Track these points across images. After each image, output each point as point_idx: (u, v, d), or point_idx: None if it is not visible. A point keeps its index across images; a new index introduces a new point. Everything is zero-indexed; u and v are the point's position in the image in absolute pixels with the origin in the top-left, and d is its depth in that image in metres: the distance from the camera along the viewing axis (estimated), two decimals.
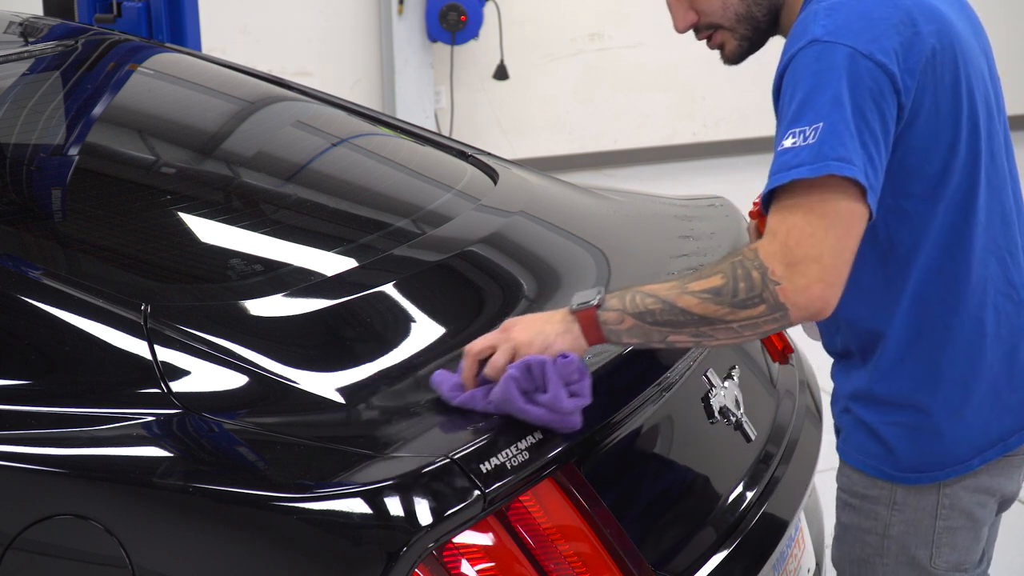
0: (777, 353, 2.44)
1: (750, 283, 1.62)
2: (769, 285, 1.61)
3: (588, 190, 2.68)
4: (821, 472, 2.32)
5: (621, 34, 7.95)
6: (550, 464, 1.65)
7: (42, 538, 1.62)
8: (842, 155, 1.62)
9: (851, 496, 1.93)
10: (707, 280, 1.65)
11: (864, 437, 1.89)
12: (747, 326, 1.65)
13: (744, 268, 1.63)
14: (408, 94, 7.42)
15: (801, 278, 1.61)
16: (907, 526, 1.88)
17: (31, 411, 1.70)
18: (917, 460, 1.85)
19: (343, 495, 1.54)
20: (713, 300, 1.64)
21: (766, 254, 1.62)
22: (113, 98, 2.51)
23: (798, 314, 1.63)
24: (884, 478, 1.87)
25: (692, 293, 1.65)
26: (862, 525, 1.91)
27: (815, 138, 1.62)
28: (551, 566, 1.63)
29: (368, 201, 2.40)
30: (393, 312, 1.97)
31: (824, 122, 1.63)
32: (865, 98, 1.65)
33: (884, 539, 1.89)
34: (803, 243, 1.61)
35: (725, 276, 1.64)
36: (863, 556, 1.93)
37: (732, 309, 1.64)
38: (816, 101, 1.64)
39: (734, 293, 1.63)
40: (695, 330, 1.66)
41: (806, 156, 1.62)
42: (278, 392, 1.71)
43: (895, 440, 1.85)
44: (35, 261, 1.93)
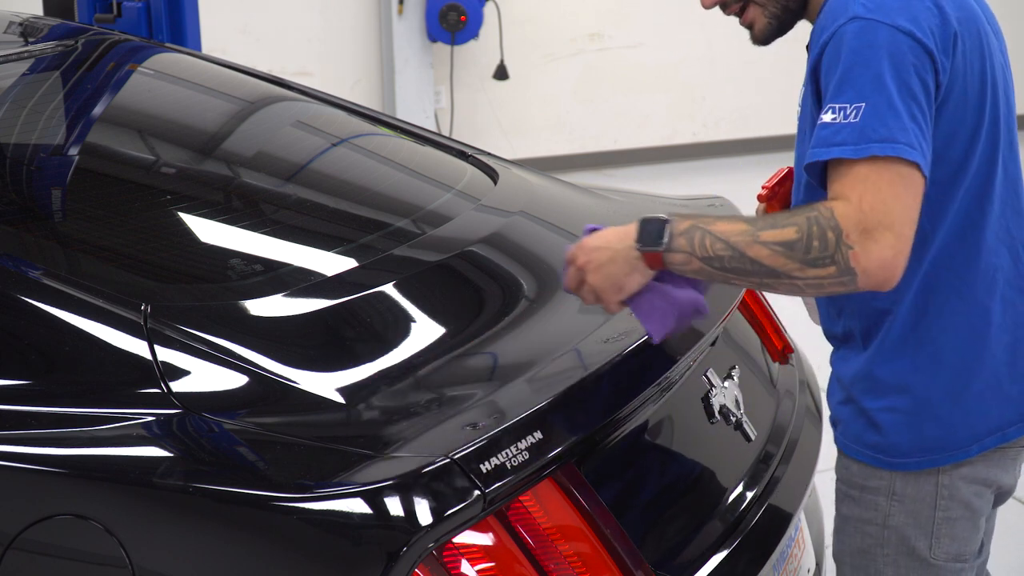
0: (777, 353, 2.44)
1: (824, 242, 1.62)
2: (843, 248, 1.62)
3: (588, 190, 2.68)
4: (821, 472, 2.32)
5: (621, 34, 7.95)
6: (550, 464, 1.65)
7: (42, 538, 1.62)
8: (884, 136, 1.64)
9: (850, 487, 1.93)
10: (781, 231, 1.65)
11: (862, 426, 1.89)
12: (812, 285, 1.65)
13: (820, 226, 1.63)
14: (408, 94, 7.42)
15: (875, 245, 1.61)
16: (907, 516, 1.89)
17: (31, 411, 1.70)
18: (914, 445, 1.85)
19: (343, 495, 1.54)
20: (785, 254, 1.64)
21: (843, 215, 1.62)
22: (113, 98, 2.51)
23: (866, 280, 1.63)
24: (882, 467, 1.88)
25: (764, 243, 1.65)
26: (862, 516, 1.92)
27: (857, 118, 1.65)
28: (551, 566, 1.63)
29: (368, 201, 2.40)
30: (393, 312, 1.97)
31: (867, 102, 1.65)
32: (910, 73, 1.67)
33: (884, 529, 1.90)
34: (877, 209, 1.62)
35: (800, 230, 1.64)
36: (863, 547, 1.93)
37: (802, 266, 1.64)
38: (857, 79, 1.67)
39: (807, 250, 1.63)
40: (760, 280, 1.68)
41: (848, 135, 1.64)
42: (278, 392, 1.71)
43: (892, 426, 1.86)
44: (35, 261, 1.93)
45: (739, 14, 1.93)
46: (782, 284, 1.67)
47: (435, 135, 2.82)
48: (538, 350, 1.87)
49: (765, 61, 8.38)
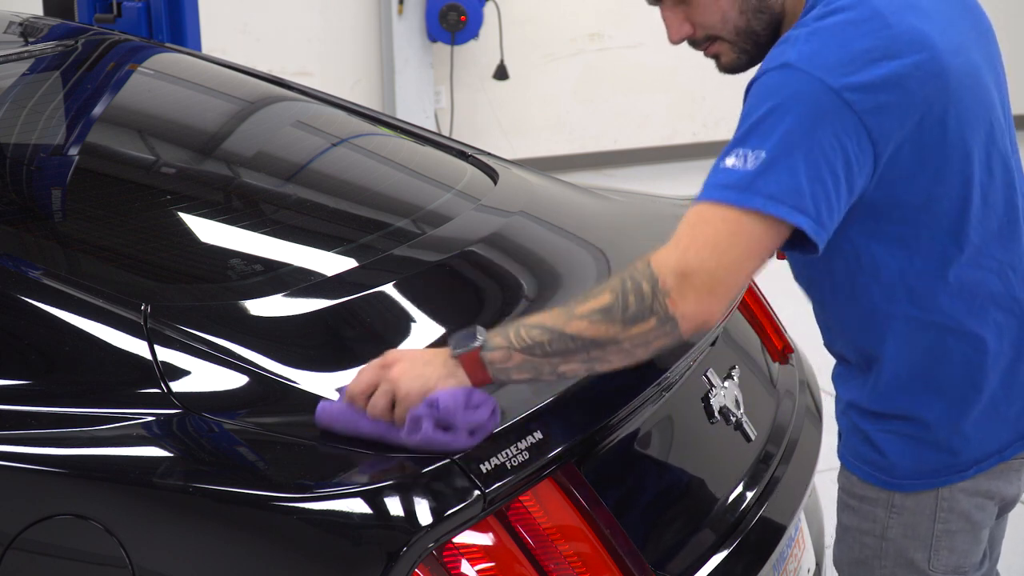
0: (777, 353, 2.44)
1: (640, 296, 1.57)
2: (659, 296, 1.56)
3: (588, 190, 2.68)
4: (821, 472, 2.32)
5: (621, 34, 7.95)
6: (550, 464, 1.65)
7: (42, 538, 1.62)
8: (774, 193, 1.57)
9: (850, 497, 1.92)
10: (596, 300, 1.59)
11: (859, 442, 1.88)
12: (638, 344, 1.59)
13: (634, 280, 1.58)
14: (408, 94, 7.42)
15: (691, 289, 1.56)
16: (905, 529, 1.87)
17: (31, 411, 1.70)
18: (912, 469, 1.84)
19: (343, 495, 1.54)
20: (604, 320, 1.58)
21: (659, 263, 1.58)
22: (113, 98, 2.51)
23: (687, 326, 1.58)
24: (880, 485, 1.87)
25: (581, 317, 1.58)
26: (861, 527, 1.91)
27: (754, 166, 1.59)
28: (551, 566, 1.63)
29: (368, 201, 2.40)
30: (393, 312, 1.97)
31: (768, 154, 1.58)
32: (826, 133, 1.59)
33: (882, 541, 1.89)
34: (701, 255, 1.56)
35: (614, 292, 1.58)
36: (861, 557, 1.92)
37: (623, 327, 1.57)
38: (769, 128, 1.60)
39: (624, 308, 1.57)
40: (587, 355, 1.60)
41: (739, 181, 1.59)
42: (278, 392, 1.71)
43: (890, 448, 1.84)
44: (35, 261, 1.93)
45: (705, 48, 1.86)
46: (610, 353, 1.60)
47: (435, 135, 2.82)
48: None
49: None
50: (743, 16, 1.82)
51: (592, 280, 2.18)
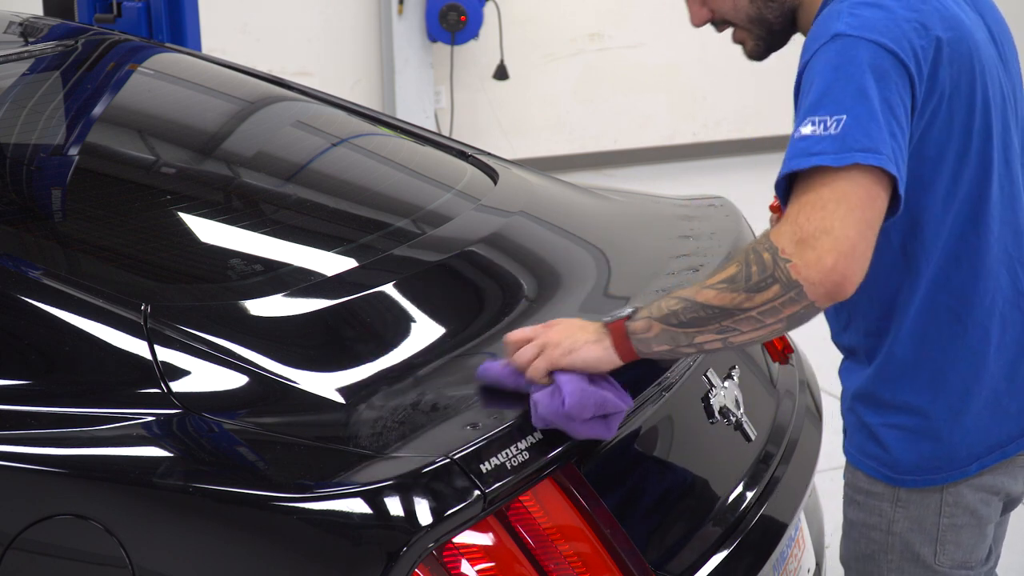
0: (777, 353, 2.44)
1: (761, 264, 1.61)
2: (780, 263, 1.59)
3: (588, 190, 2.68)
4: (821, 472, 2.32)
5: (621, 34, 7.95)
6: (550, 464, 1.65)
7: (42, 538, 1.62)
8: (868, 146, 1.61)
9: (856, 493, 1.94)
10: (723, 271, 1.65)
11: (864, 438, 1.90)
12: (767, 312, 1.62)
13: (756, 252, 1.62)
14: (408, 94, 7.42)
15: (811, 251, 1.58)
16: (911, 523, 1.89)
17: (31, 411, 1.70)
18: (915, 464, 1.86)
19: (343, 495, 1.54)
20: (729, 288, 1.62)
21: (776, 234, 1.61)
22: (113, 98, 2.51)
23: (814, 290, 1.59)
24: (884, 480, 1.89)
25: (710, 286, 1.64)
26: (867, 521, 1.93)
27: (838, 129, 1.61)
28: (551, 566, 1.63)
29: (368, 201, 2.40)
30: (393, 312, 1.97)
31: (848, 114, 1.62)
32: (891, 90, 1.65)
33: (889, 536, 1.90)
34: (812, 218, 1.59)
35: (739, 263, 1.63)
36: (868, 552, 1.94)
37: (748, 295, 1.61)
38: (838, 93, 1.64)
39: (747, 277, 1.61)
40: (719, 325, 1.64)
41: (828, 146, 1.61)
42: (278, 392, 1.71)
43: (894, 443, 1.86)
44: (35, 261, 1.93)
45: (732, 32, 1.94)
46: (741, 322, 1.63)
47: (435, 135, 2.82)
48: None
49: (765, 62, 8.39)
50: (754, 5, 1.87)
51: (592, 280, 2.18)
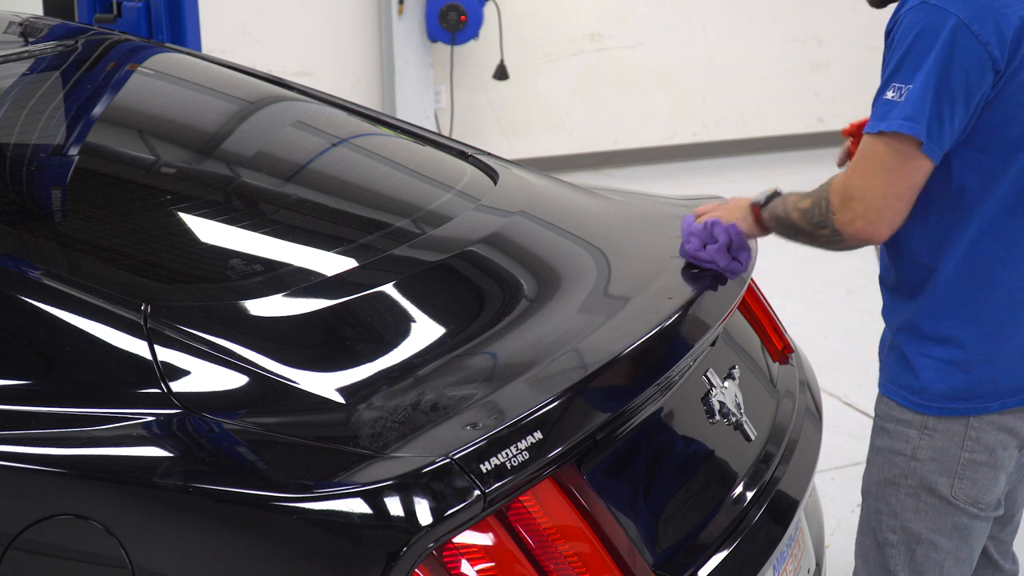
0: (777, 353, 2.44)
1: (820, 211, 1.98)
2: (828, 215, 1.96)
3: (588, 190, 2.68)
4: (821, 472, 2.32)
5: (621, 34, 7.95)
6: (550, 464, 1.65)
7: (42, 538, 1.62)
8: (911, 115, 1.88)
9: (886, 421, 2.12)
10: (805, 200, 2.02)
11: (900, 369, 2.09)
12: (827, 243, 2.00)
13: (821, 197, 1.97)
14: (408, 94, 7.42)
15: (848, 213, 1.93)
16: (934, 452, 2.06)
17: (31, 411, 1.70)
18: (943, 392, 2.04)
19: (343, 495, 1.54)
20: (804, 218, 2.01)
21: (833, 189, 1.96)
22: (113, 98, 2.51)
23: (851, 242, 1.97)
24: (913, 408, 2.06)
25: (796, 209, 2.03)
26: (893, 447, 2.10)
27: (901, 97, 1.90)
28: (551, 566, 1.63)
29: (368, 201, 2.40)
30: (393, 312, 1.97)
31: (912, 85, 1.89)
32: (955, 65, 1.87)
33: (912, 461, 2.08)
34: (856, 183, 1.93)
35: (813, 201, 2.00)
36: (889, 477, 2.11)
37: (814, 228, 2.00)
38: (913, 61, 1.89)
39: (811, 216, 1.99)
40: (803, 239, 2.05)
41: (891, 111, 1.90)
42: (278, 392, 1.71)
43: (927, 372, 2.05)
44: (35, 261, 1.93)
45: None
46: (813, 240, 2.02)
47: (435, 135, 2.82)
48: (538, 350, 1.87)
49: (765, 61, 8.39)
50: None
51: (592, 280, 2.19)
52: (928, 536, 2.09)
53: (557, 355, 1.85)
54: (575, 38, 7.90)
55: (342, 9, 7.39)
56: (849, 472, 3.82)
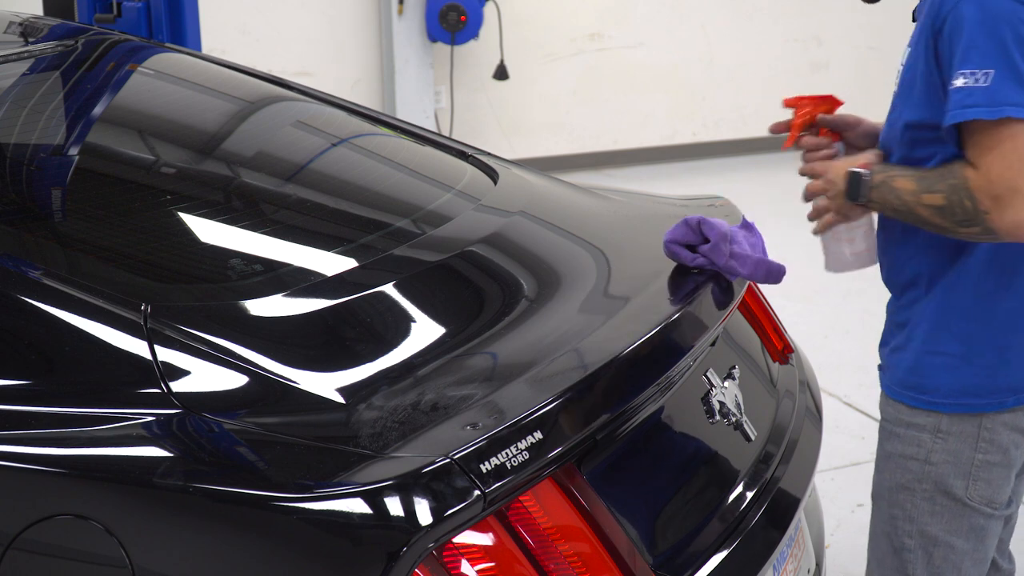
0: (777, 353, 2.44)
1: (964, 209, 1.92)
2: (980, 214, 1.90)
3: (588, 190, 2.68)
4: (821, 472, 2.32)
5: (621, 34, 7.95)
6: (550, 464, 1.65)
7: (42, 538, 1.62)
8: (1015, 100, 1.86)
9: (896, 425, 2.11)
10: (933, 195, 1.95)
11: (908, 371, 2.08)
12: (968, 237, 1.96)
13: (959, 195, 1.92)
14: (408, 94, 7.42)
15: (1008, 209, 1.88)
16: (948, 455, 2.05)
17: (31, 411, 1.70)
18: (958, 389, 2.04)
19: (343, 495, 1.54)
20: (939, 216, 1.95)
21: (975, 187, 1.90)
22: (113, 98, 2.51)
23: (1005, 237, 1.92)
24: (924, 407, 2.06)
25: (924, 205, 1.96)
26: (905, 452, 2.09)
27: (987, 82, 1.87)
28: (551, 566, 1.63)
29: (368, 201, 2.40)
30: (393, 312, 1.97)
31: (995, 69, 1.87)
32: None
33: (926, 465, 2.07)
34: (1004, 176, 1.87)
35: (947, 198, 1.93)
36: (903, 482, 2.10)
37: (954, 226, 1.94)
38: (983, 47, 1.88)
39: (953, 215, 1.93)
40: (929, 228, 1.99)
41: (981, 98, 1.87)
42: (278, 392, 1.71)
43: (940, 370, 2.05)
44: (35, 261, 1.93)
45: None
46: (949, 233, 1.97)
47: (435, 135, 2.82)
48: (538, 350, 1.87)
49: (765, 61, 8.40)
50: None
51: (592, 280, 2.18)
52: (945, 538, 2.09)
53: (557, 355, 1.85)
54: (575, 38, 7.90)
55: (342, 9, 7.39)
56: (849, 472, 3.82)
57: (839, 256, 2.25)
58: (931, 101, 1.99)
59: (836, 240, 2.23)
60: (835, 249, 2.25)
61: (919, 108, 2.02)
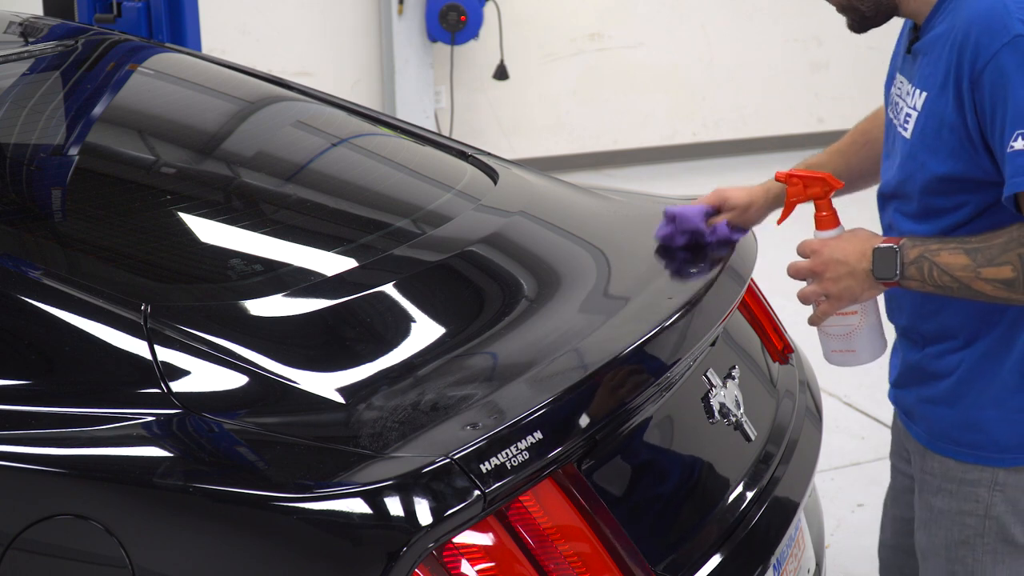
0: (777, 353, 2.44)
1: None
2: None
3: (588, 190, 2.68)
4: (821, 472, 2.32)
5: (621, 34, 7.95)
6: (550, 464, 1.65)
7: (42, 538, 1.62)
8: None
9: (946, 481, 2.03)
10: (998, 268, 1.83)
11: (958, 424, 1.99)
12: None
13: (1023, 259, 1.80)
14: (408, 94, 7.42)
15: None
16: (1008, 505, 1.98)
17: (31, 411, 1.70)
18: (1013, 443, 1.96)
19: (343, 495, 1.54)
20: (1005, 289, 1.83)
21: None
22: (113, 98, 2.51)
23: None
24: (983, 463, 1.98)
25: (986, 280, 1.84)
26: (962, 508, 2.02)
27: None
28: (551, 566, 1.63)
29: (368, 201, 2.40)
30: (393, 312, 1.97)
31: None
32: None
33: (986, 520, 2.00)
34: None
35: (1015, 269, 1.82)
36: (962, 538, 2.02)
37: (1022, 296, 1.83)
38: None
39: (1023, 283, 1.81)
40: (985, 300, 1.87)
41: None
42: (278, 392, 1.71)
43: (995, 425, 1.96)
44: (35, 261, 1.93)
45: None
46: (1008, 303, 1.87)
47: (435, 135, 2.82)
48: (538, 350, 1.87)
49: (765, 62, 8.39)
50: None
51: (592, 280, 2.18)
52: None
53: (557, 355, 1.85)
54: (575, 38, 7.90)
55: (342, 9, 7.39)
56: (849, 472, 3.82)
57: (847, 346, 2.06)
58: (964, 154, 1.87)
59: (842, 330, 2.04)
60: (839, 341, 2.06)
61: (950, 161, 1.89)
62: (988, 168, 1.86)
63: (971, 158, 1.86)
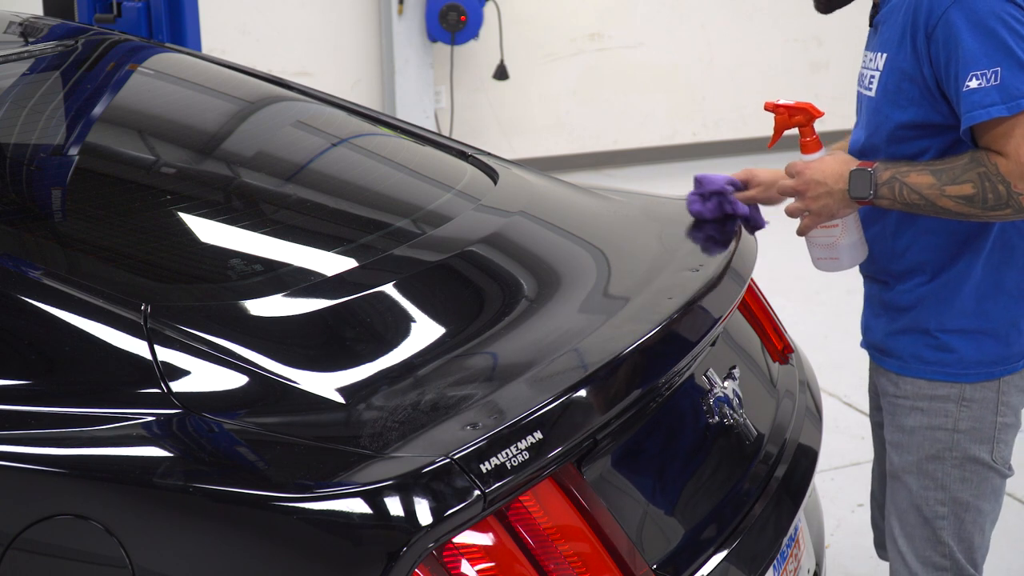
0: (777, 353, 2.44)
1: (997, 194, 2.02)
2: (1014, 196, 2.02)
3: (588, 190, 2.68)
4: (821, 472, 2.32)
5: (621, 34, 7.96)
6: (550, 464, 1.65)
7: (42, 538, 1.62)
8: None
9: (918, 400, 2.23)
10: (960, 186, 2.05)
11: (926, 347, 2.22)
12: (993, 219, 2.06)
13: (991, 181, 2.02)
14: (408, 94, 7.42)
15: None
16: (973, 421, 2.20)
17: (31, 411, 1.70)
18: (978, 359, 2.19)
19: (343, 495, 1.54)
20: (967, 204, 2.05)
21: (1007, 171, 2.01)
22: (113, 98, 2.52)
23: None
24: (949, 379, 2.20)
25: (949, 197, 2.06)
26: (932, 423, 2.22)
27: (997, 80, 1.99)
28: (551, 566, 1.63)
29: (368, 201, 2.40)
30: (393, 312, 1.97)
31: (1000, 67, 1.99)
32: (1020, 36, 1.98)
33: (954, 434, 2.21)
34: None
35: (975, 186, 2.03)
36: (933, 452, 2.23)
37: (983, 211, 2.05)
38: (984, 46, 1.99)
39: (984, 201, 2.03)
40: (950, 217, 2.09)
41: (997, 96, 1.99)
42: (278, 392, 1.71)
43: (960, 345, 2.19)
44: (35, 261, 1.93)
45: None
46: (976, 218, 2.07)
47: (435, 135, 2.82)
48: (538, 350, 1.87)
49: (764, 61, 8.40)
50: None
51: (592, 280, 2.18)
52: (974, 502, 2.23)
53: (557, 355, 1.85)
54: (575, 38, 7.91)
55: (342, 9, 7.40)
56: (849, 472, 3.82)
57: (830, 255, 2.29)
58: (924, 101, 2.11)
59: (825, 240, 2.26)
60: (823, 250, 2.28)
61: (912, 108, 2.13)
62: (946, 112, 2.10)
63: (931, 104, 2.10)
